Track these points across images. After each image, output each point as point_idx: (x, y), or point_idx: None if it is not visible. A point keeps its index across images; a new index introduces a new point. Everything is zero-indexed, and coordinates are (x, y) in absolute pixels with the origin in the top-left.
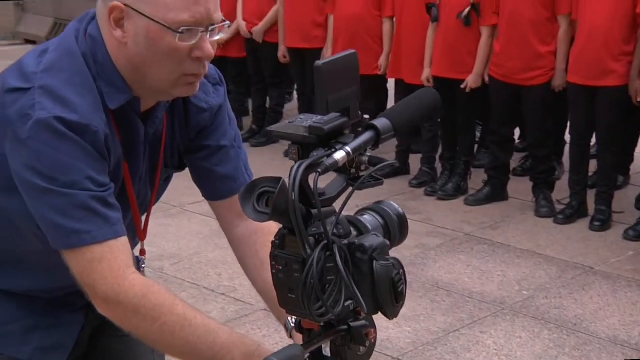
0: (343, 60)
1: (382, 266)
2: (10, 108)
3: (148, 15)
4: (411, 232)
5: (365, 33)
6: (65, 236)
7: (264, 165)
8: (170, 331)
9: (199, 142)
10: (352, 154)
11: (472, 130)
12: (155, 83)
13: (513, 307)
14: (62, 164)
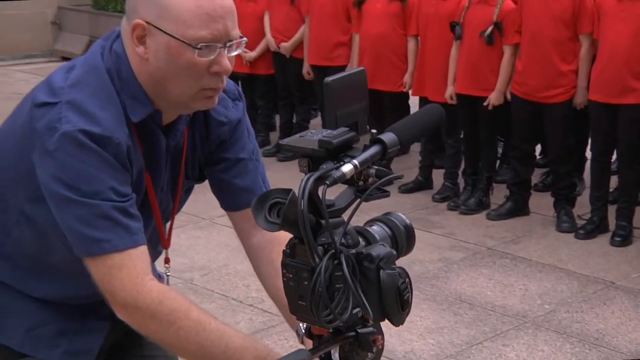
0: (351, 77)
1: (388, 275)
2: (39, 122)
3: (168, 32)
4: (434, 246)
5: (391, 51)
6: (87, 244)
7: (290, 180)
8: (186, 335)
9: (219, 154)
10: (359, 166)
11: (494, 147)
12: (175, 97)
13: (535, 320)
14: (86, 174)
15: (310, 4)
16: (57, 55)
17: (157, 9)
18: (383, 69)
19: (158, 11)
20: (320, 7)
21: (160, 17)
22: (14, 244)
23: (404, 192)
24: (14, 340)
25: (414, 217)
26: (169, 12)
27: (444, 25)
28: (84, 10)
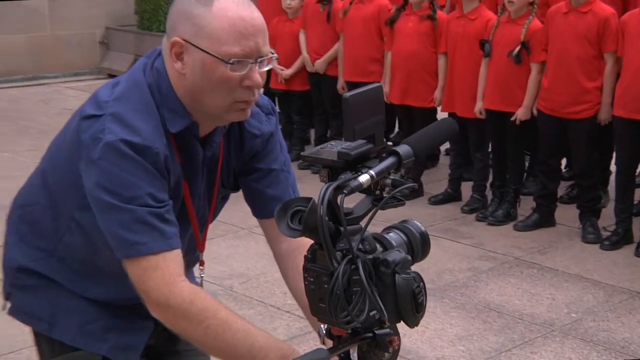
0: (369, 93)
1: (403, 279)
2: (85, 133)
3: (204, 48)
4: (463, 256)
5: (422, 68)
6: (125, 247)
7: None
8: (213, 333)
9: (252, 165)
10: (375, 177)
11: (521, 160)
12: (210, 109)
13: (562, 329)
14: (126, 181)
15: (345, 23)
16: (105, 73)
17: (193, 28)
18: (414, 85)
19: (194, 29)
20: (354, 25)
21: (196, 35)
22: (67, 249)
23: (434, 203)
24: (67, 335)
25: (444, 227)
26: (204, 30)
27: (471, 43)
28: (129, 31)
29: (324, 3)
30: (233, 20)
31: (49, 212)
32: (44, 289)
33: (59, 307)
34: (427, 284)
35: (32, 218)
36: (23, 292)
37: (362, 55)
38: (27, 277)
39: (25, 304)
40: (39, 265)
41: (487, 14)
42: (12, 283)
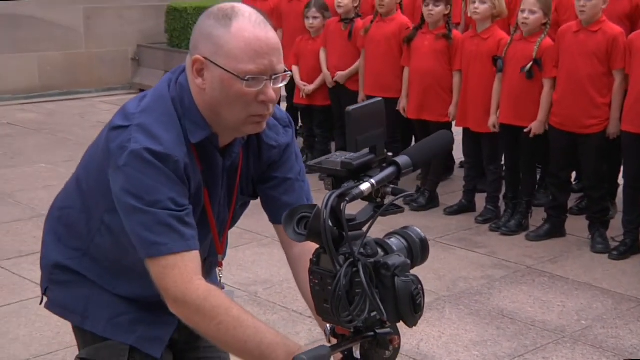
0: (370, 107)
1: (402, 282)
2: (114, 142)
3: (222, 66)
4: (477, 264)
5: (437, 84)
6: (147, 247)
7: None
8: (225, 329)
9: (269, 173)
10: (376, 185)
11: (533, 173)
12: (228, 122)
13: (573, 335)
14: (149, 186)
15: (366, 40)
16: (136, 88)
17: (213, 46)
18: (430, 101)
19: (214, 48)
20: (376, 43)
21: (215, 53)
22: (97, 249)
23: (449, 214)
24: (98, 327)
25: (459, 237)
26: (223, 49)
27: (484, 62)
28: (160, 48)
29: (346, 22)
30: (249, 40)
31: (82, 215)
32: (77, 285)
33: (91, 301)
34: (443, 291)
35: (68, 220)
36: (58, 287)
37: (383, 71)
38: (62, 274)
39: (60, 298)
40: (73, 263)
41: (499, 34)
42: (49, 279)
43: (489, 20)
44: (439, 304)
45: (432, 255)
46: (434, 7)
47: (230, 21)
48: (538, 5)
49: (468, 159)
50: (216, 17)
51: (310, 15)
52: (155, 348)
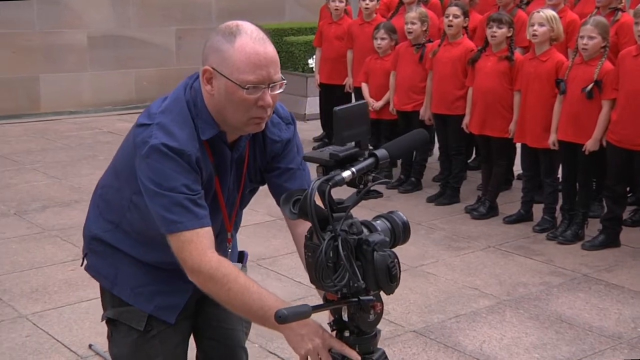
0: (355, 108)
1: (380, 255)
2: (138, 137)
3: (227, 76)
4: (535, 271)
5: (498, 103)
6: (167, 225)
7: (409, 209)
8: (234, 294)
9: (273, 164)
10: (356, 173)
11: (589, 187)
12: (232, 122)
13: (630, 342)
14: (166, 174)
15: (434, 62)
16: None
17: (219, 59)
18: (492, 118)
19: (220, 60)
20: (443, 65)
21: (221, 65)
22: (128, 224)
23: (508, 222)
24: (124, 294)
25: (517, 245)
26: (227, 62)
27: (542, 82)
28: None
29: (418, 47)
30: (249, 55)
31: (117, 194)
32: (110, 256)
33: (120, 271)
34: (504, 295)
35: (106, 197)
36: (95, 256)
37: (448, 91)
38: (98, 245)
39: (96, 264)
40: (108, 236)
41: (557, 56)
42: (89, 247)
43: (547, 43)
44: (500, 308)
45: (492, 261)
46: (497, 30)
47: (234, 37)
48: (596, 31)
49: (526, 172)
50: (223, 33)
51: (378, 36)
52: (169, 315)
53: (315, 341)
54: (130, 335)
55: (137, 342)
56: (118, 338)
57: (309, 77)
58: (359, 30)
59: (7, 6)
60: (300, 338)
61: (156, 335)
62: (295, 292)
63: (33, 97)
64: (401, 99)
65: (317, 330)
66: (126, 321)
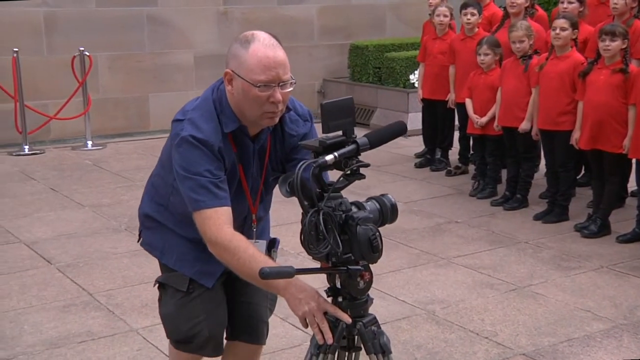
0: (340, 102)
1: (362, 229)
2: (173, 131)
3: (243, 77)
4: None
5: (612, 117)
6: (192, 203)
7: (515, 227)
8: (243, 263)
9: (291, 155)
10: (338, 157)
11: None
12: (249, 117)
13: None
14: (193, 161)
15: (541, 76)
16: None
17: (237, 63)
18: (604, 133)
19: (237, 64)
20: (550, 79)
21: (238, 68)
22: (172, 206)
23: (621, 242)
24: (170, 261)
25: (632, 265)
26: (243, 64)
27: None
28: (342, 82)
29: (524, 58)
30: (260, 58)
31: (163, 181)
32: (159, 231)
33: (167, 242)
34: (620, 319)
35: (156, 183)
36: (147, 231)
37: (555, 107)
38: (150, 222)
39: (148, 238)
40: (157, 215)
41: None
42: (142, 224)
43: None
44: (616, 332)
45: (605, 282)
46: (611, 43)
47: (249, 44)
48: None
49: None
50: (240, 41)
51: (481, 52)
52: (207, 280)
53: (312, 304)
54: (176, 296)
55: (181, 302)
56: (166, 299)
57: (410, 92)
58: (461, 45)
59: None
60: (298, 301)
61: (198, 296)
62: (400, 311)
63: (143, 115)
64: (505, 114)
65: (313, 295)
66: (172, 284)
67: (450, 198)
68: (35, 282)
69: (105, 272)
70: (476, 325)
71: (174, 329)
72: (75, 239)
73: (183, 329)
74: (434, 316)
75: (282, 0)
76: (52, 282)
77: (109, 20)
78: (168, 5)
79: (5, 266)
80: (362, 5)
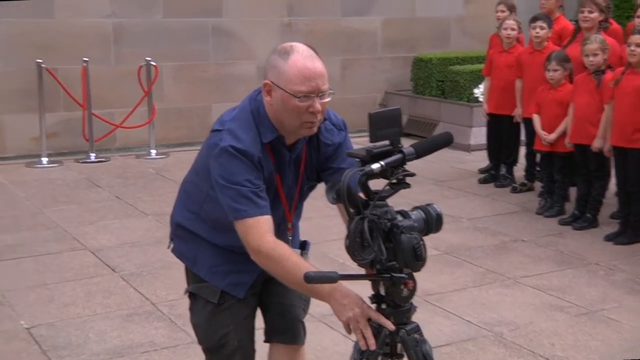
0: (387, 112)
1: (407, 237)
2: (212, 140)
3: (282, 87)
4: None
5: None
6: (233, 212)
7: (584, 247)
8: (287, 271)
9: (327, 164)
10: (384, 166)
11: None
12: (288, 127)
13: None
14: (233, 171)
15: (616, 91)
16: None
17: (276, 73)
18: None
19: (277, 75)
20: (625, 95)
21: (277, 79)
22: (205, 213)
23: None
24: (202, 272)
25: None
26: (282, 76)
27: None
28: (405, 95)
29: (597, 74)
30: (300, 69)
31: (196, 188)
32: (191, 240)
33: (198, 253)
34: None
35: (189, 190)
36: (179, 240)
37: (630, 123)
38: (182, 231)
39: (180, 247)
40: (189, 224)
41: None
42: (174, 233)
43: None
44: None
45: None
46: None
47: (288, 56)
48: None
49: None
50: (279, 53)
51: (550, 68)
52: (239, 291)
53: (355, 310)
54: (207, 307)
55: (212, 313)
56: (197, 309)
57: (474, 106)
58: (529, 59)
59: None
60: (342, 307)
61: (228, 308)
62: (465, 332)
63: (205, 125)
64: (577, 131)
65: (357, 301)
66: (203, 295)
67: (516, 215)
68: (100, 289)
69: (168, 282)
70: (546, 350)
71: (204, 337)
72: (139, 247)
73: (213, 338)
74: (501, 338)
75: (346, 12)
76: (116, 291)
77: (174, 31)
78: (233, 16)
79: (71, 272)
80: (427, 18)
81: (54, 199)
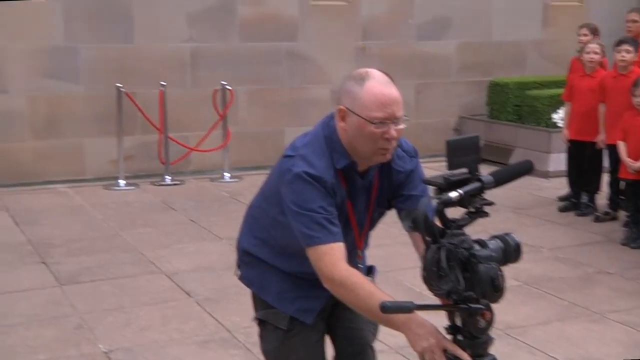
0: (466, 139)
1: (485, 267)
2: (284, 166)
3: (358, 113)
4: None
5: None
6: (306, 239)
7: None
8: (361, 299)
9: (399, 192)
10: (463, 194)
11: None
12: (362, 153)
13: None
14: (306, 197)
15: None
16: None
17: (351, 100)
18: None
19: (352, 101)
20: None
21: (353, 104)
22: (273, 239)
23: None
24: (269, 298)
25: None
26: (358, 102)
27: None
28: (480, 120)
29: None
30: (376, 95)
31: (264, 213)
32: (257, 266)
33: (266, 279)
34: None
35: (256, 215)
36: (246, 266)
37: None
38: (248, 257)
39: (247, 274)
40: (256, 250)
41: None
42: (241, 259)
43: None
44: None
45: None
46: None
47: (363, 81)
48: None
49: None
50: (354, 78)
51: (638, 93)
52: (307, 316)
53: (431, 340)
54: (276, 333)
55: (281, 339)
56: (266, 336)
57: (552, 132)
58: (613, 83)
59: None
60: (418, 337)
61: (297, 334)
62: None
63: (278, 149)
64: None
65: (433, 332)
66: (272, 321)
67: (599, 246)
68: (175, 314)
69: (242, 308)
70: None
71: None
72: (213, 272)
73: None
74: None
75: (421, 37)
76: (191, 316)
77: (250, 55)
78: (307, 40)
79: (148, 296)
80: (503, 42)
81: (131, 221)
